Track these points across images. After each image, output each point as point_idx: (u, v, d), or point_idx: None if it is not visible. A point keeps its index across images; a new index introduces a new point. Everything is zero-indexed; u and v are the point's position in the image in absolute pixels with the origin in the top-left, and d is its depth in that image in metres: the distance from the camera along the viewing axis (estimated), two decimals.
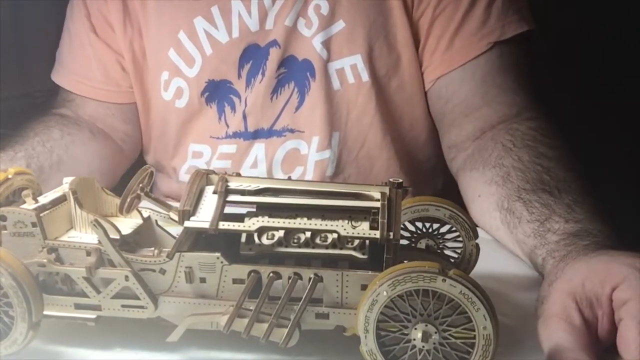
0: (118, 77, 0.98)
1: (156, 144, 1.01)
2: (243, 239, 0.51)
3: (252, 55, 0.91)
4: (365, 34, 0.88)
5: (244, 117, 0.92)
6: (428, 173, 0.99)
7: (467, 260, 0.60)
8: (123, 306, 0.52)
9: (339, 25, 0.89)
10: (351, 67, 0.90)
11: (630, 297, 0.47)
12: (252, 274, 0.50)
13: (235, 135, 0.93)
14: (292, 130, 0.92)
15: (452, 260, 0.60)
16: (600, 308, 0.50)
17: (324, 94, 0.90)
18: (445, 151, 0.92)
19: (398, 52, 0.90)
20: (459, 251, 0.60)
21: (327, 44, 0.89)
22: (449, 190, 0.93)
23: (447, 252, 0.61)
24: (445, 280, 0.45)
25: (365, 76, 0.90)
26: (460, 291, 0.45)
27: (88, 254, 0.52)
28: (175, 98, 0.94)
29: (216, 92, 0.93)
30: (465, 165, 0.85)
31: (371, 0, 0.89)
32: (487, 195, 0.76)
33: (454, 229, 0.59)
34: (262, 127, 0.92)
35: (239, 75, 0.92)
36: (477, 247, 0.59)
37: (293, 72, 0.90)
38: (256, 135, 0.93)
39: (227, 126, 0.94)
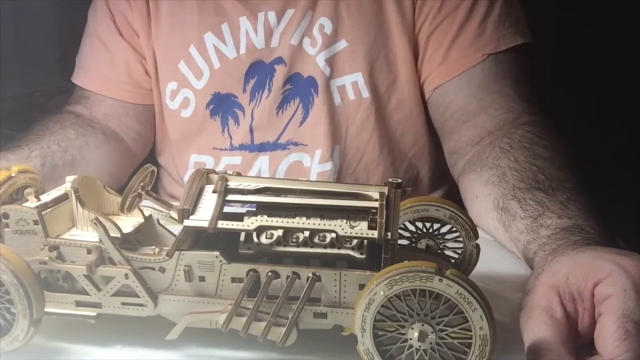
0: (141, 79, 1.01)
1: (167, 148, 1.04)
2: (242, 238, 0.51)
3: (257, 71, 0.95)
4: (366, 53, 0.92)
5: (251, 130, 0.96)
6: (426, 185, 1.01)
7: (468, 260, 0.60)
8: (123, 304, 0.52)
9: (342, 44, 0.92)
10: (352, 84, 0.93)
11: (612, 293, 0.48)
12: (251, 272, 0.50)
13: (241, 147, 0.97)
14: (296, 144, 0.95)
15: (453, 261, 0.60)
16: (582, 303, 0.50)
17: (326, 109, 0.93)
18: (447, 158, 0.94)
19: (397, 69, 0.93)
20: (459, 251, 0.60)
21: (330, 61, 0.92)
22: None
23: (447, 252, 0.61)
24: (441, 280, 0.45)
25: (365, 93, 0.93)
26: (457, 291, 0.45)
27: (89, 251, 0.52)
28: (182, 108, 0.98)
29: (221, 105, 0.96)
30: (464, 170, 0.87)
31: (372, 20, 0.92)
32: (484, 196, 0.77)
33: (454, 229, 0.59)
34: (268, 140, 0.96)
35: (244, 90, 0.95)
36: (478, 247, 0.59)
37: (298, 88, 0.94)
38: (261, 148, 0.96)
39: (231, 138, 0.97)
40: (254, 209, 0.51)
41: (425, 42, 0.91)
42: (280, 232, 0.50)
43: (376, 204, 0.50)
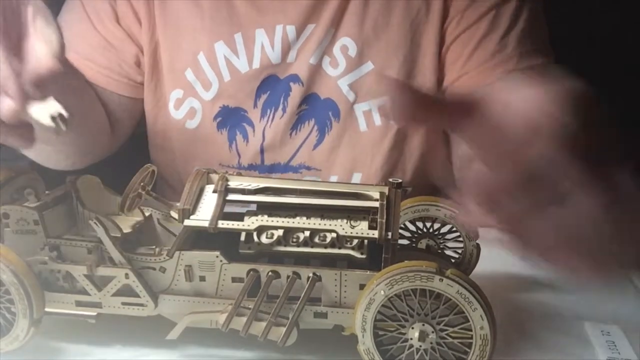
0: (131, 71, 0.92)
1: (166, 157, 0.97)
2: (242, 237, 0.51)
3: (270, 86, 0.89)
4: (394, 75, 0.86)
5: (262, 151, 0.91)
6: None
7: (468, 260, 0.60)
8: (123, 304, 0.52)
9: (368, 66, 0.87)
10: (379, 108, 0.87)
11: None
12: (251, 272, 0.50)
13: (251, 167, 0.92)
14: (308, 168, 0.91)
15: (453, 261, 0.60)
16: None
17: (349, 135, 0.88)
18: (454, 162, 0.91)
19: (428, 89, 0.87)
20: (459, 251, 0.60)
21: (354, 86, 0.87)
22: None
23: (447, 252, 0.61)
24: (442, 280, 0.45)
25: None
26: (457, 291, 0.45)
27: (89, 251, 0.52)
28: (187, 118, 0.92)
29: (229, 119, 0.91)
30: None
31: (401, 38, 0.86)
32: None
33: (454, 229, 0.59)
34: (279, 161, 0.91)
35: (255, 105, 0.90)
36: (478, 247, 0.59)
37: (314, 109, 0.89)
38: (272, 169, 0.91)
39: (239, 156, 0.92)
40: (255, 209, 0.51)
41: (444, 53, 0.87)
42: (280, 232, 0.50)
43: (377, 204, 0.50)
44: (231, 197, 0.51)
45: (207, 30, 0.90)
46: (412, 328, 0.47)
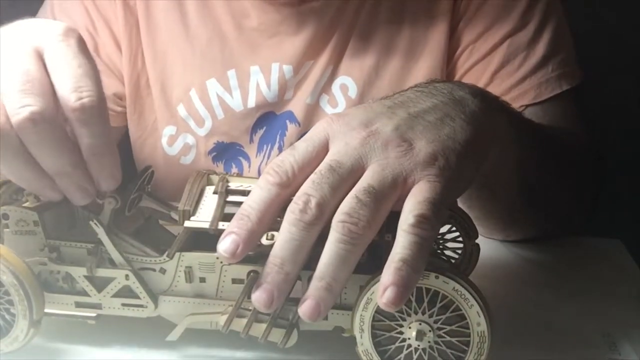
0: (109, 100, 0.86)
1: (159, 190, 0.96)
2: None
3: (266, 122, 0.87)
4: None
5: None
6: None
7: (467, 260, 0.59)
8: (123, 305, 0.52)
9: None
10: None
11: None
12: (252, 274, 0.50)
13: None
14: None
15: (453, 261, 0.60)
16: None
17: None
18: None
19: None
20: (459, 251, 0.60)
21: None
22: None
23: (447, 252, 0.61)
24: (438, 277, 0.45)
25: None
26: (453, 287, 0.45)
27: (89, 252, 0.52)
28: (181, 154, 0.90)
29: (224, 153, 0.89)
30: None
31: (405, 77, 0.82)
32: None
33: (453, 228, 0.59)
34: None
35: (251, 140, 0.88)
36: (477, 247, 0.59)
37: None
38: None
39: None
40: None
41: None
42: None
43: None
44: (232, 198, 0.51)
45: (198, 66, 0.86)
46: (410, 327, 0.47)
